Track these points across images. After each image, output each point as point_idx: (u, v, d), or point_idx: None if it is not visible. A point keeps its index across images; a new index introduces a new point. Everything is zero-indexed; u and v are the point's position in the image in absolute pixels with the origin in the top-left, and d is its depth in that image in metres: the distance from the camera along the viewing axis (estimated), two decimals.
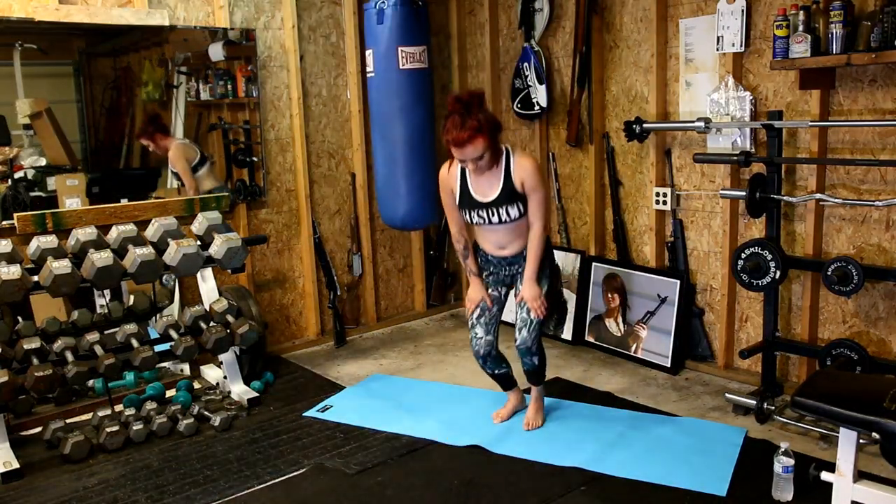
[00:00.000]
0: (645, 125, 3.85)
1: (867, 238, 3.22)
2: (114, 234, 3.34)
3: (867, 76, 3.12)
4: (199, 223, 3.59)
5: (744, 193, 3.22)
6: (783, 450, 2.59)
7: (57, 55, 4.00)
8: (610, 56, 4.13)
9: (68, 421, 3.37)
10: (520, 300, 3.10)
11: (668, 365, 3.85)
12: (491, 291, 3.20)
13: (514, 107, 4.49)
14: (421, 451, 3.09)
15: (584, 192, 4.39)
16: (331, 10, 4.45)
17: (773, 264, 3.15)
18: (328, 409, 3.54)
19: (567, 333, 4.35)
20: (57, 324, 3.42)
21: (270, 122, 4.28)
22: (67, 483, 2.93)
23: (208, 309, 3.64)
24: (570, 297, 4.36)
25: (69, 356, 3.20)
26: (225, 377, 3.75)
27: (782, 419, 3.17)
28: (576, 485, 2.76)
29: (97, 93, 4.16)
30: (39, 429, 3.34)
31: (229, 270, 3.63)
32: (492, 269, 3.21)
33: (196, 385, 3.86)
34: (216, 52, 4.04)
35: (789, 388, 3.40)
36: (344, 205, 4.65)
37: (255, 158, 4.24)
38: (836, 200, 3.13)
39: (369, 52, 4.09)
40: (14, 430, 3.32)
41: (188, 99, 4.13)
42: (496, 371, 3.27)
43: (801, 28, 3.04)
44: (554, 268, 3.20)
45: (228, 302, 3.66)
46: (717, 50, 3.56)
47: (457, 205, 3.10)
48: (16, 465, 3.01)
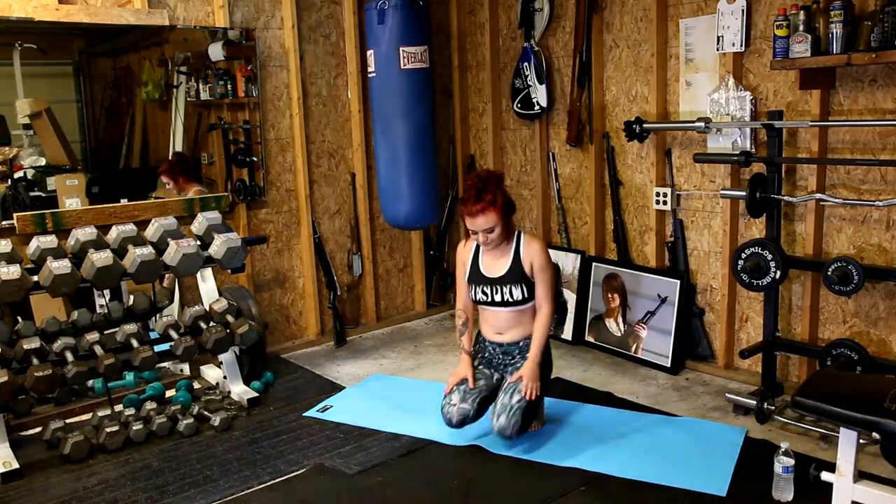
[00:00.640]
0: (645, 125, 3.84)
1: (867, 238, 3.22)
2: (114, 234, 3.34)
3: (867, 76, 3.12)
4: (199, 223, 3.59)
5: (744, 193, 3.22)
6: (783, 450, 2.59)
7: (57, 55, 4.00)
8: (610, 56, 4.12)
9: (68, 421, 3.37)
10: (515, 379, 3.05)
11: (669, 365, 3.85)
12: (481, 370, 3.19)
13: (514, 107, 4.49)
14: (421, 451, 3.08)
15: (584, 191, 4.39)
16: (331, 9, 4.45)
17: (773, 264, 3.14)
18: (328, 409, 3.54)
19: (567, 333, 4.35)
20: (57, 324, 3.42)
21: (270, 122, 4.28)
22: (67, 483, 2.92)
23: (208, 309, 3.63)
24: (570, 297, 4.36)
25: (69, 356, 3.20)
26: (225, 377, 3.74)
27: (782, 419, 3.16)
28: (576, 485, 2.76)
29: (97, 93, 4.17)
30: (39, 429, 3.34)
31: (229, 270, 3.63)
32: (486, 355, 3.24)
33: (196, 385, 3.86)
34: (216, 51, 4.04)
35: (789, 388, 3.40)
36: (344, 205, 4.65)
37: (254, 158, 4.24)
38: (837, 200, 3.12)
39: (370, 53, 4.09)
40: (14, 430, 3.31)
41: (188, 99, 4.14)
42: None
43: (801, 28, 3.04)
44: (548, 360, 3.19)
45: (228, 302, 3.65)
46: (718, 50, 3.56)
47: (466, 279, 3.20)
48: (16, 465, 3.01)
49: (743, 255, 3.23)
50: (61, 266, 3.06)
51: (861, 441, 2.28)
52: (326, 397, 3.68)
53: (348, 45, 4.50)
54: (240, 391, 3.67)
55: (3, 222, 3.47)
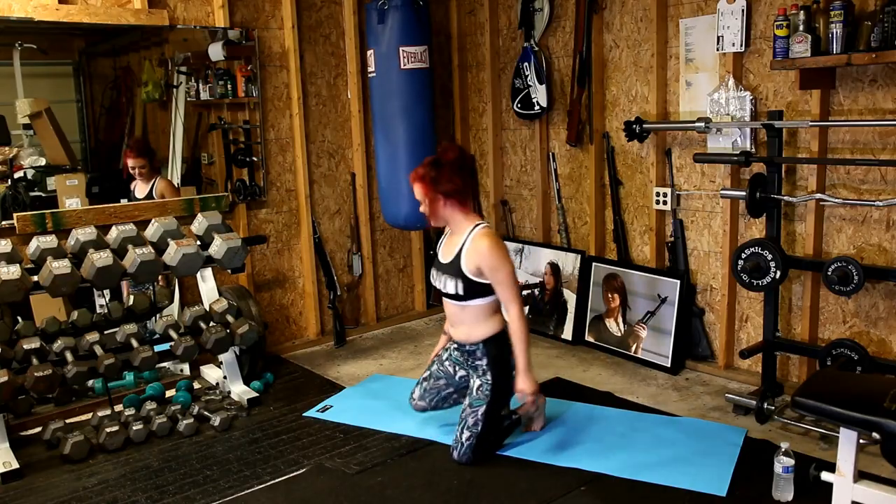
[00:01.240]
0: (645, 125, 3.84)
1: (867, 238, 3.22)
2: (113, 234, 3.34)
3: (867, 76, 3.12)
4: (199, 223, 3.59)
5: (744, 193, 3.22)
6: (783, 450, 2.59)
7: (57, 55, 4.00)
8: (610, 56, 4.12)
9: (68, 421, 3.37)
10: (519, 395, 2.93)
11: (668, 365, 3.85)
12: (445, 367, 3.14)
13: (514, 107, 4.49)
14: (421, 451, 3.09)
15: (585, 191, 4.39)
16: (331, 9, 4.45)
17: (773, 264, 3.14)
18: (328, 409, 3.54)
19: (567, 333, 4.35)
20: (57, 324, 3.42)
21: (270, 122, 4.28)
22: (67, 483, 2.92)
23: (208, 309, 3.63)
24: (570, 297, 4.36)
25: (69, 356, 3.20)
26: (225, 377, 3.74)
27: (782, 419, 3.16)
28: (576, 485, 2.76)
29: (97, 93, 4.16)
30: (39, 429, 3.33)
31: (229, 270, 3.63)
32: (455, 347, 3.13)
33: (196, 385, 3.86)
34: (216, 51, 4.04)
35: (789, 388, 3.40)
36: (344, 205, 4.65)
37: (254, 158, 4.24)
38: (837, 200, 3.12)
39: (370, 52, 4.09)
40: (14, 430, 3.31)
41: (188, 99, 4.13)
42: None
43: (801, 28, 3.04)
44: (505, 355, 2.96)
45: (228, 302, 3.66)
46: (718, 50, 3.56)
47: None
48: (15, 465, 3.01)
49: (743, 255, 3.23)
50: (61, 266, 3.06)
51: (861, 441, 2.28)
52: (326, 397, 3.68)
53: (348, 44, 4.50)
54: (240, 391, 3.67)
55: (3, 222, 3.47)
